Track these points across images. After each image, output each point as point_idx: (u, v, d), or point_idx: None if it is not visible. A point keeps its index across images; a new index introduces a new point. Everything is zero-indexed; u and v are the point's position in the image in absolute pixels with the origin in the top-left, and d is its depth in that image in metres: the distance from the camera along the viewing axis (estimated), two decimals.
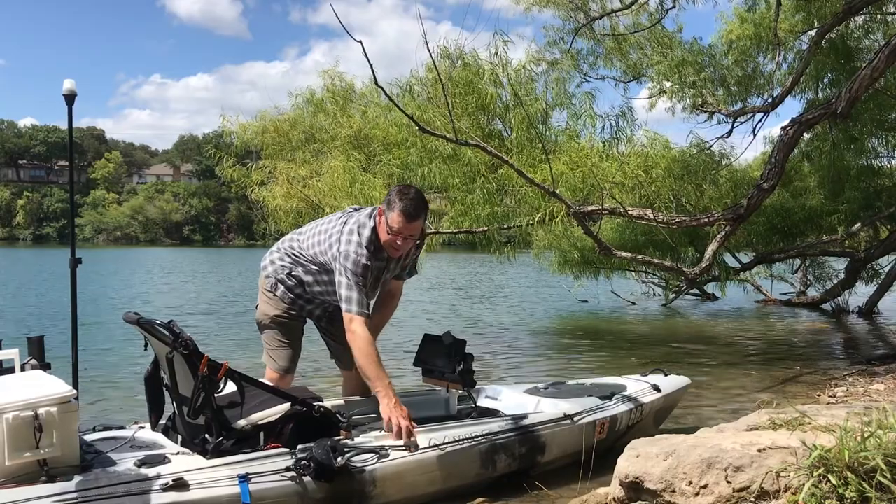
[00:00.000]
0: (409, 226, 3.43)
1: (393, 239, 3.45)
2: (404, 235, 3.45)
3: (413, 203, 3.42)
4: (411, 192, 3.49)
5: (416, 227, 3.47)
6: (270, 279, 3.74)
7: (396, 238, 3.44)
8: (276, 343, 3.74)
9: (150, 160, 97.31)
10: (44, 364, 3.27)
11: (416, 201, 3.44)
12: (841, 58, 9.46)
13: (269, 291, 3.75)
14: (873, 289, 12.91)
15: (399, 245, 3.48)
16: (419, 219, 3.47)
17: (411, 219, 3.42)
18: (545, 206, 7.18)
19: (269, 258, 3.80)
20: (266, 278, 3.77)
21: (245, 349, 8.17)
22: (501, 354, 8.66)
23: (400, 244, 3.48)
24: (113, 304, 14.23)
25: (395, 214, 3.41)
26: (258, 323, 3.84)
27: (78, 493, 2.53)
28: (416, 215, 3.44)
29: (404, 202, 3.41)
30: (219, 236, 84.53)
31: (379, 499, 3.08)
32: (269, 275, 3.75)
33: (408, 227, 3.43)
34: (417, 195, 3.48)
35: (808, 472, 2.26)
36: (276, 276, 3.72)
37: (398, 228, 3.42)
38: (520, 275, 22.87)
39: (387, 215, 3.44)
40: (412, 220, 3.42)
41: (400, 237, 3.44)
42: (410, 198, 3.43)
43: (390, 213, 3.43)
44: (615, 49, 9.84)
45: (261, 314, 3.80)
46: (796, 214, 11.11)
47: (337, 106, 9.93)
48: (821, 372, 7.37)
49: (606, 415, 3.97)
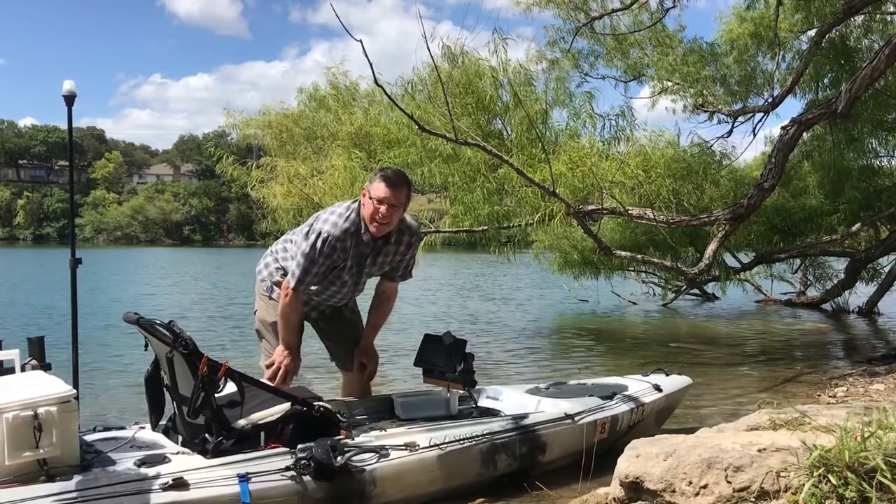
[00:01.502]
0: (393, 193, 3.45)
1: (377, 208, 3.44)
2: (389, 203, 3.44)
3: (394, 172, 3.59)
4: (392, 168, 3.71)
5: (399, 195, 3.48)
6: (266, 282, 3.74)
7: (381, 206, 3.44)
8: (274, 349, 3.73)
9: (150, 160, 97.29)
10: (44, 364, 3.26)
11: (396, 171, 3.63)
12: (841, 58, 9.46)
13: (265, 295, 3.76)
14: (873, 289, 12.90)
15: (384, 214, 3.45)
16: (402, 187, 3.50)
17: (393, 185, 3.46)
18: (545, 205, 7.18)
19: (263, 262, 3.81)
20: (262, 282, 3.77)
21: (245, 349, 8.16)
22: (502, 354, 8.66)
23: (385, 213, 3.45)
24: (113, 304, 14.22)
25: (377, 183, 3.47)
26: (257, 329, 3.84)
27: (77, 492, 2.53)
28: (398, 182, 3.49)
29: (385, 171, 3.57)
30: (219, 236, 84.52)
31: (379, 498, 3.07)
32: (264, 278, 3.76)
33: (391, 194, 3.44)
34: (398, 169, 3.70)
35: (808, 472, 2.26)
36: (271, 279, 3.73)
37: (381, 196, 3.44)
38: (520, 275, 22.87)
39: (369, 190, 3.49)
40: (394, 187, 3.46)
41: (385, 205, 3.44)
42: (392, 169, 3.63)
43: (372, 185, 3.49)
44: (616, 48, 9.84)
45: (258, 320, 3.81)
46: (796, 214, 11.11)
47: (339, 103, 9.94)
48: (821, 372, 7.36)
49: (607, 414, 3.96)
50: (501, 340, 9.89)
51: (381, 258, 3.66)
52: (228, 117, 10.70)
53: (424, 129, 6.19)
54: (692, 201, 8.56)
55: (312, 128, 10.16)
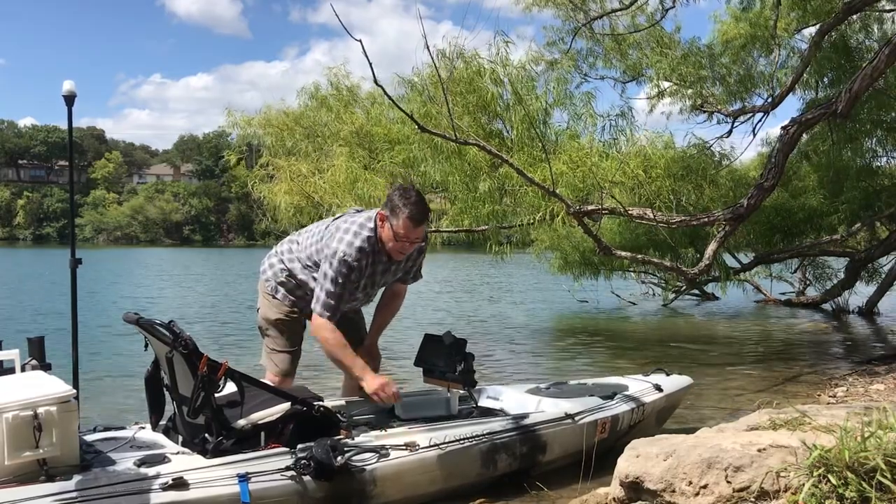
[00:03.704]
0: (416, 231, 3.46)
1: (399, 245, 3.47)
2: (410, 240, 3.48)
3: (418, 208, 3.43)
4: (413, 195, 3.46)
5: (421, 231, 3.51)
6: (270, 282, 3.74)
7: (402, 243, 3.47)
8: (277, 347, 3.74)
9: (150, 160, 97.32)
10: (44, 364, 3.26)
11: (420, 205, 3.44)
12: (841, 57, 9.46)
13: (269, 294, 3.76)
14: (873, 289, 12.91)
15: (406, 249, 3.52)
16: (424, 223, 3.51)
17: (418, 224, 3.44)
18: (545, 205, 7.18)
19: (267, 262, 3.80)
20: (266, 282, 3.77)
21: (246, 349, 8.16)
22: (502, 354, 8.66)
23: (405, 248, 3.52)
24: (113, 304, 14.23)
25: (402, 221, 3.40)
26: (259, 327, 3.84)
27: (77, 492, 2.53)
28: (422, 220, 3.47)
29: (410, 209, 3.40)
30: (219, 236, 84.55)
31: (379, 498, 3.07)
32: (268, 278, 3.76)
33: (414, 232, 3.46)
34: (419, 198, 3.48)
35: (808, 472, 2.26)
36: (275, 279, 3.73)
37: (404, 234, 3.43)
38: (520, 275, 22.87)
39: (391, 222, 3.43)
40: (419, 225, 3.45)
41: (405, 242, 3.47)
42: (414, 202, 3.42)
43: (395, 220, 3.41)
44: (614, 49, 9.83)
45: (261, 318, 3.80)
46: (796, 214, 11.11)
47: (341, 103, 9.93)
48: (821, 372, 7.37)
49: (608, 414, 3.96)
50: (501, 340, 9.90)
51: (393, 267, 3.67)
52: (229, 117, 10.69)
53: (424, 129, 6.19)
54: (691, 201, 8.56)
55: (313, 127, 10.15)
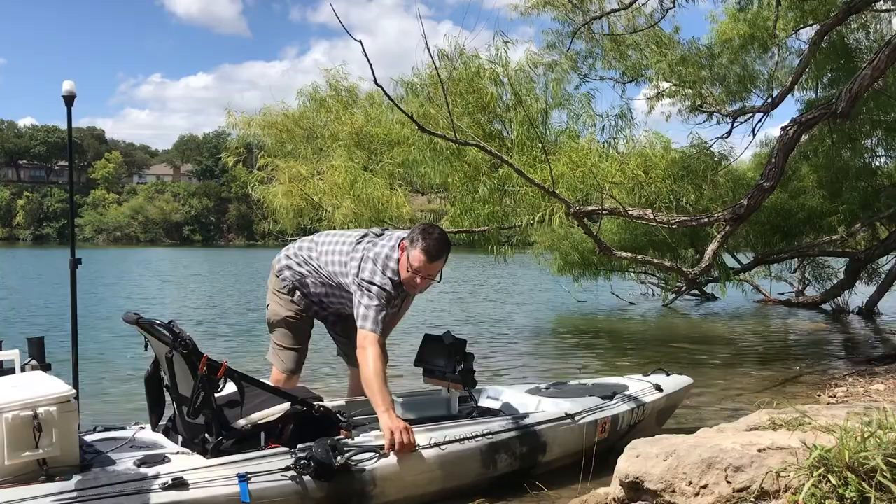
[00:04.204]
0: (430, 266, 3.41)
1: (412, 277, 3.43)
2: (423, 275, 3.43)
3: (436, 243, 3.40)
4: (435, 231, 3.46)
5: (436, 267, 3.46)
6: (287, 283, 3.75)
7: (416, 277, 3.43)
8: (285, 344, 3.76)
9: (150, 160, 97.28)
10: (44, 365, 3.27)
11: (439, 242, 3.42)
12: (841, 58, 9.46)
13: (283, 293, 3.76)
14: (873, 289, 12.91)
15: (418, 284, 3.47)
16: (440, 259, 3.45)
17: (433, 259, 3.40)
18: (545, 205, 7.18)
19: (284, 261, 3.78)
20: (282, 281, 3.77)
21: (246, 351, 8.16)
22: (502, 354, 8.66)
23: (419, 283, 3.46)
24: (113, 304, 14.23)
25: (418, 252, 3.38)
26: (269, 322, 3.85)
27: (77, 492, 2.54)
28: (438, 256, 3.42)
29: (427, 241, 3.39)
30: (219, 236, 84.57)
31: (379, 498, 3.08)
32: (285, 278, 3.76)
33: (428, 267, 3.41)
34: (441, 236, 3.46)
35: (808, 472, 2.26)
36: (293, 280, 3.73)
37: (418, 267, 3.40)
38: (521, 275, 22.87)
39: (409, 252, 3.42)
40: (434, 261, 3.41)
41: (419, 276, 3.43)
42: (434, 238, 3.41)
43: (412, 250, 3.40)
44: (614, 50, 9.83)
45: (272, 314, 3.81)
46: (796, 215, 11.12)
47: (340, 104, 9.94)
48: (821, 372, 7.37)
49: (608, 414, 3.96)
50: (501, 340, 9.90)
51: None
52: (229, 118, 10.70)
53: (424, 130, 6.20)
54: (691, 201, 8.56)
55: (313, 128, 10.16)
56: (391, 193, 8.38)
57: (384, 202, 8.25)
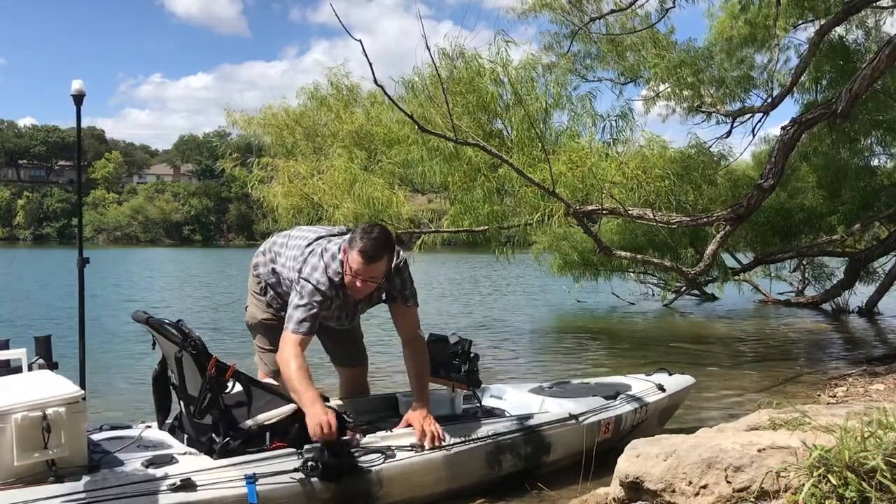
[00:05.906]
0: (369, 268, 3.20)
1: (352, 280, 3.24)
2: (363, 278, 3.22)
3: (373, 244, 3.17)
4: (375, 231, 3.23)
5: (375, 269, 3.23)
6: (261, 282, 3.72)
7: (356, 279, 3.22)
8: (266, 346, 3.72)
9: (150, 160, 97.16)
10: (51, 363, 3.29)
11: (376, 241, 3.18)
12: (840, 58, 9.47)
13: (258, 294, 3.74)
14: (873, 289, 12.92)
15: (359, 287, 3.26)
16: (379, 261, 3.21)
17: (370, 261, 3.18)
18: (545, 205, 7.20)
19: (257, 259, 3.75)
20: (256, 279, 3.74)
21: (247, 349, 8.17)
22: (505, 354, 8.68)
23: (359, 286, 3.25)
24: (119, 303, 14.23)
25: (355, 254, 3.18)
26: (248, 325, 3.84)
27: (86, 493, 2.55)
28: (375, 257, 3.18)
29: (364, 242, 3.17)
30: (219, 236, 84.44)
31: (385, 499, 3.10)
32: (258, 275, 3.73)
33: (367, 269, 3.20)
34: (381, 235, 3.22)
35: (808, 472, 2.27)
36: (266, 279, 3.69)
37: (357, 269, 3.20)
38: (522, 275, 22.87)
39: (348, 254, 3.23)
40: (371, 262, 3.19)
41: (359, 279, 3.22)
42: (373, 238, 3.19)
43: (351, 251, 3.20)
44: (612, 51, 9.84)
45: (250, 316, 3.80)
46: (795, 215, 11.13)
47: (340, 102, 9.94)
48: (821, 372, 7.39)
49: (611, 414, 3.98)
50: (505, 340, 9.91)
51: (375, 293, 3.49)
52: (229, 118, 10.70)
53: (424, 130, 6.21)
54: (690, 201, 8.58)
55: (313, 127, 10.16)
56: (391, 193, 8.38)
57: (384, 202, 8.26)
